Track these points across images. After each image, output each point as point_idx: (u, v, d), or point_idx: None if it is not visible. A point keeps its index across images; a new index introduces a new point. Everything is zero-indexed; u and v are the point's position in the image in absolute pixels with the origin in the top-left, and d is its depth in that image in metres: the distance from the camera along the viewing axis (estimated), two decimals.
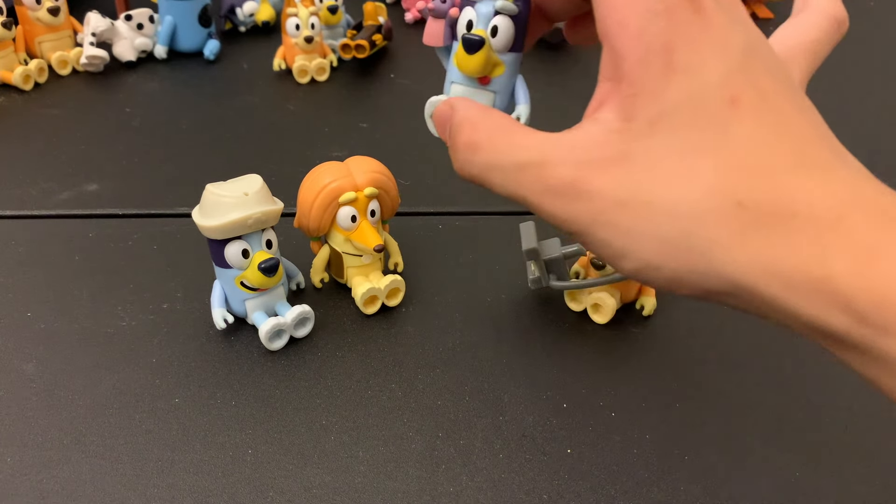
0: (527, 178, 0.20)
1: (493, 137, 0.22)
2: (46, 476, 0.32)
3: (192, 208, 0.37)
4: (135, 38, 0.69)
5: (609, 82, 0.20)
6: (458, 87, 0.27)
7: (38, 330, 0.40)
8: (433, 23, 0.28)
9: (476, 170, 0.22)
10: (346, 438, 0.34)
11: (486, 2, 0.26)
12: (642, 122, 0.19)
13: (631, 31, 0.19)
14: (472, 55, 0.25)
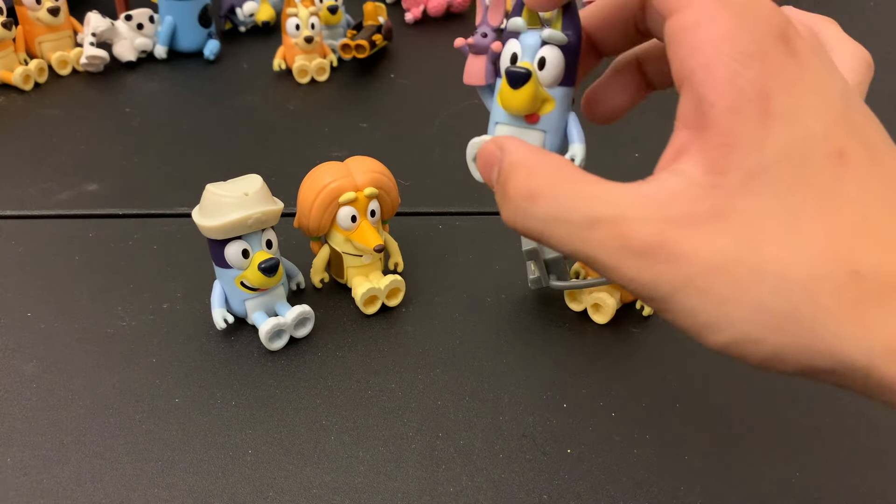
0: (600, 235, 0.18)
1: (556, 185, 0.19)
2: (46, 476, 0.32)
3: (192, 208, 0.37)
4: (135, 39, 0.69)
5: (690, 130, 0.18)
6: (504, 127, 0.25)
7: (38, 330, 0.40)
8: (473, 60, 0.26)
9: (534, 223, 0.19)
10: (346, 438, 0.34)
11: (532, 32, 0.24)
12: (737, 177, 0.17)
13: (720, 74, 0.17)
14: (518, 90, 0.23)
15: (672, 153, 0.18)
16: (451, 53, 0.74)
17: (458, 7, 0.81)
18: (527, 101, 0.23)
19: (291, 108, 0.64)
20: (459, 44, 0.26)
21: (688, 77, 0.18)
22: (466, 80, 0.26)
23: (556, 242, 0.19)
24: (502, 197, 0.20)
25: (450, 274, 0.44)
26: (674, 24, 0.18)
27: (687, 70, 0.18)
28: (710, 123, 0.17)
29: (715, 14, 0.18)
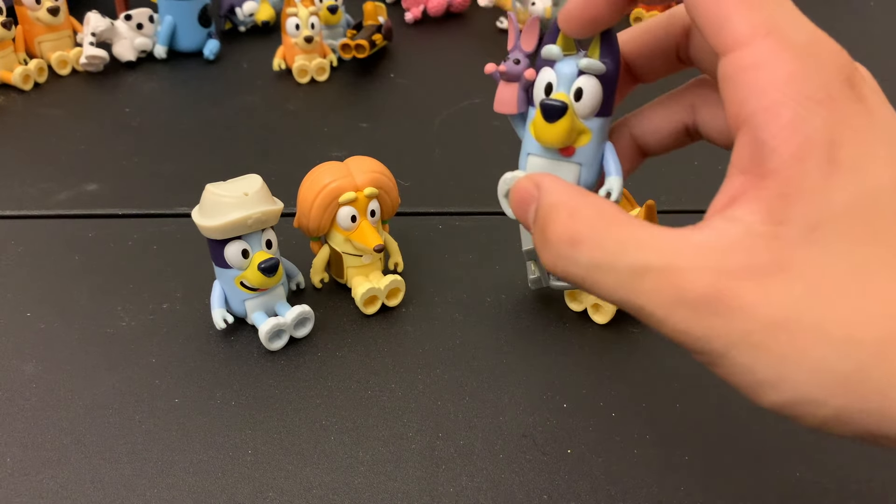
0: (649, 284, 0.17)
1: (599, 230, 0.18)
2: (46, 476, 0.32)
3: (191, 208, 0.37)
4: (134, 38, 0.69)
5: (746, 176, 0.17)
6: (537, 159, 0.24)
7: (37, 330, 0.40)
8: (505, 87, 0.25)
9: (577, 269, 0.18)
10: (345, 438, 0.34)
11: (568, 60, 0.23)
12: (799, 227, 0.16)
13: (784, 119, 0.16)
14: (554, 124, 0.22)
15: (726, 198, 0.17)
16: (451, 53, 0.74)
17: (458, 7, 0.81)
18: (562, 135, 0.22)
19: (291, 107, 0.64)
20: (490, 70, 0.25)
21: (747, 120, 0.17)
22: (497, 108, 0.25)
23: (600, 290, 0.18)
24: (542, 241, 0.19)
25: (450, 274, 0.44)
26: (731, 63, 0.17)
27: (746, 113, 0.17)
28: (772, 171, 0.16)
29: (777, 54, 0.17)
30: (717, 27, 0.18)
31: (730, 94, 0.17)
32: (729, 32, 0.17)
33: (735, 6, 0.17)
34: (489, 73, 0.25)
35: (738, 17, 0.17)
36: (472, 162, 0.56)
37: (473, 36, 0.77)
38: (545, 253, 0.19)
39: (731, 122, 0.18)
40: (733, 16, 0.17)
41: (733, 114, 0.17)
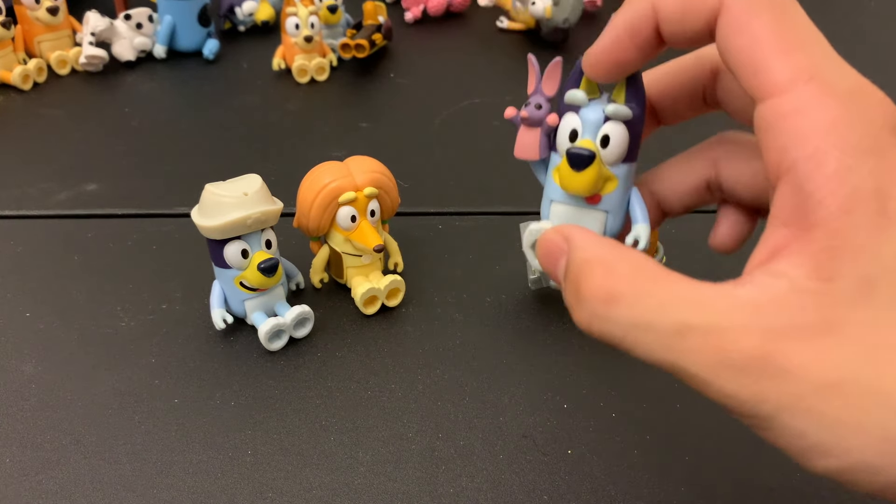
0: (692, 344, 0.16)
1: (638, 286, 0.17)
2: (45, 477, 0.32)
3: (191, 208, 0.37)
4: (134, 38, 0.69)
5: (789, 228, 0.16)
6: (561, 206, 0.23)
7: (36, 330, 0.40)
8: (526, 132, 0.24)
9: (614, 328, 0.17)
10: (345, 439, 0.34)
11: (594, 106, 0.22)
12: (850, 283, 0.15)
13: (830, 169, 0.15)
14: (581, 172, 0.21)
15: (767, 252, 0.17)
16: (451, 53, 0.74)
17: (458, 6, 0.80)
18: (590, 184, 0.22)
19: (291, 107, 0.64)
20: (511, 115, 0.24)
21: (789, 170, 0.16)
22: (519, 153, 0.24)
23: (640, 351, 0.17)
24: (574, 298, 0.18)
25: (450, 274, 0.44)
26: (771, 110, 0.17)
27: (788, 162, 0.16)
28: (818, 223, 0.15)
29: (820, 100, 0.16)
30: (754, 72, 0.17)
31: (769, 141, 0.17)
32: (768, 77, 0.17)
33: (774, 50, 0.17)
34: (509, 117, 0.24)
35: (777, 61, 0.17)
36: (472, 162, 0.56)
37: (473, 36, 0.77)
38: (579, 311, 0.18)
39: (771, 171, 0.17)
40: (772, 60, 0.17)
41: (773, 162, 0.17)
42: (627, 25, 0.20)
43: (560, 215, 0.23)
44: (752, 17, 0.17)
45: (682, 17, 0.19)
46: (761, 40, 0.17)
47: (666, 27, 0.20)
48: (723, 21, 0.18)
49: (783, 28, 0.17)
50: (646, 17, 0.20)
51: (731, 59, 0.18)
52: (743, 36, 0.17)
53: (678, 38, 0.20)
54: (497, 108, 0.63)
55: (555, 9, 0.69)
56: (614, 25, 0.21)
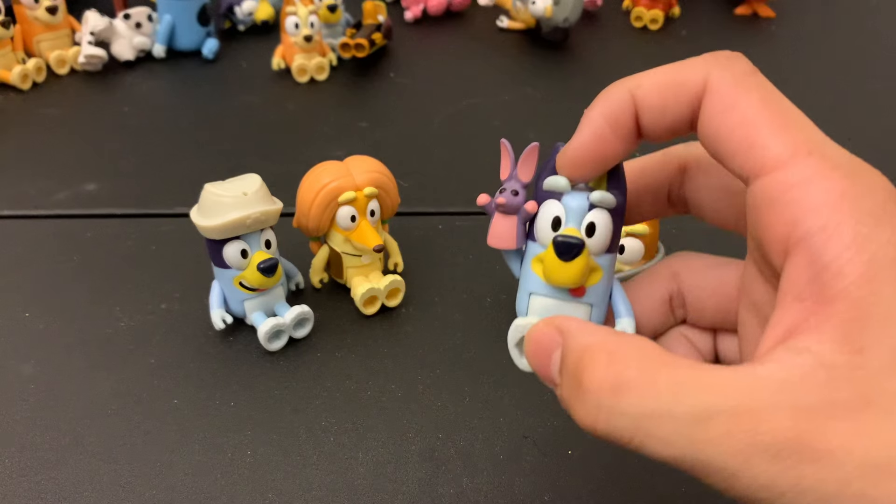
0: (717, 431, 0.14)
1: (648, 372, 0.15)
2: (44, 477, 0.32)
3: (190, 208, 0.37)
4: (133, 37, 0.69)
5: (804, 303, 0.15)
6: (542, 300, 0.21)
7: (35, 330, 0.40)
8: (502, 220, 0.22)
9: (624, 421, 0.15)
10: (345, 439, 0.34)
11: (576, 194, 0.21)
12: (883, 353, 0.14)
13: (847, 238, 0.15)
14: (570, 262, 0.20)
15: (783, 330, 0.15)
16: (451, 53, 0.74)
17: (458, 6, 0.80)
18: (578, 275, 0.20)
19: (291, 107, 0.63)
20: (484, 202, 0.22)
21: (800, 242, 0.15)
22: (493, 242, 0.22)
23: (655, 444, 0.15)
24: (575, 391, 0.16)
25: (450, 274, 0.44)
26: (773, 183, 0.16)
27: (799, 234, 0.15)
28: (838, 294, 0.15)
29: (825, 172, 0.16)
30: (748, 148, 0.17)
31: (773, 216, 0.16)
32: (765, 153, 0.16)
33: (769, 126, 0.17)
34: (482, 205, 0.22)
35: (773, 137, 0.16)
36: (473, 162, 0.55)
37: (474, 35, 0.77)
38: (581, 405, 0.16)
39: (776, 247, 0.16)
40: (768, 137, 0.16)
41: (780, 237, 0.16)
42: (607, 116, 0.19)
43: (541, 309, 0.21)
44: (741, 96, 0.17)
45: (663, 102, 0.18)
46: (754, 117, 0.17)
47: (646, 115, 0.19)
48: (709, 102, 0.18)
49: (773, 107, 0.17)
50: (625, 106, 0.19)
51: (720, 138, 0.17)
52: (733, 114, 0.17)
53: (658, 127, 0.19)
54: (497, 108, 0.62)
55: (555, 8, 0.69)
56: (592, 119, 0.19)
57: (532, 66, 0.71)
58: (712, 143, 0.18)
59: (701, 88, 0.18)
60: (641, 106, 0.19)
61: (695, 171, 0.21)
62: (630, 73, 0.20)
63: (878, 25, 0.81)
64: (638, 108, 0.19)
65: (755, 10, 0.80)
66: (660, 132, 0.19)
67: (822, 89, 0.67)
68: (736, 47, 0.19)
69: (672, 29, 0.77)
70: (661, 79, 0.19)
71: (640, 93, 0.19)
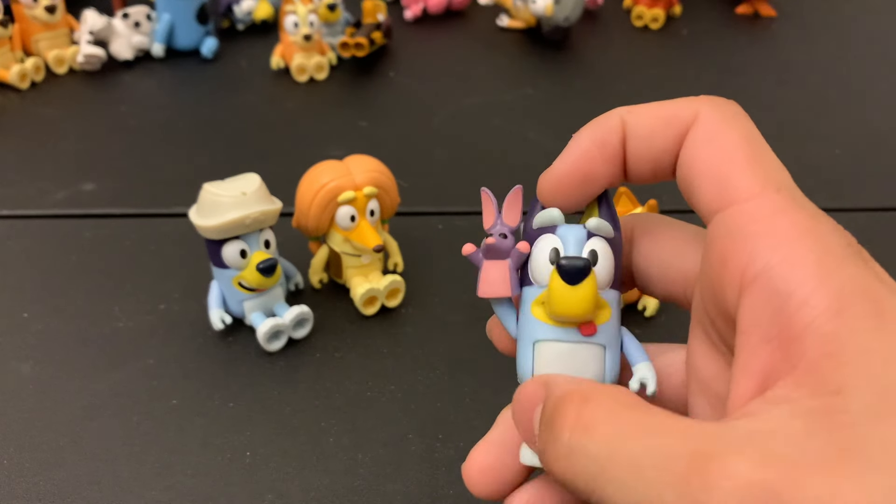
0: (673, 476, 0.13)
1: (617, 413, 0.15)
2: (43, 478, 0.32)
3: (189, 208, 0.37)
4: (132, 37, 0.68)
5: (771, 344, 0.14)
6: (550, 346, 0.19)
7: (34, 331, 0.40)
8: (492, 267, 0.20)
9: (587, 461, 0.14)
10: (344, 440, 0.34)
11: (571, 225, 0.19)
12: (863, 394, 0.13)
13: (810, 268, 0.14)
14: (577, 286, 0.18)
15: (756, 381, 0.14)
16: (451, 52, 0.74)
17: (459, 5, 0.80)
18: (588, 301, 0.18)
19: (290, 106, 0.63)
20: (470, 251, 0.20)
21: (759, 275, 0.15)
22: (485, 292, 0.20)
23: (615, 490, 0.14)
24: (547, 439, 0.16)
25: (450, 274, 0.44)
26: (737, 214, 0.16)
27: (759, 266, 0.15)
28: (806, 328, 0.14)
29: (791, 208, 0.15)
30: (719, 182, 0.16)
31: (732, 248, 0.15)
32: (735, 185, 0.16)
33: (744, 162, 0.16)
34: (468, 254, 0.20)
35: (746, 172, 0.16)
36: (473, 161, 0.55)
37: (474, 34, 0.77)
38: (550, 451, 0.15)
39: (732, 282, 0.15)
40: (741, 170, 0.16)
41: (737, 271, 0.15)
42: (596, 139, 0.19)
43: (550, 357, 0.19)
44: (724, 131, 0.17)
45: (651, 130, 0.18)
46: (732, 152, 0.17)
47: (634, 142, 0.18)
48: (694, 133, 0.18)
49: (752, 145, 0.17)
50: (615, 129, 0.19)
51: (696, 169, 0.17)
52: (713, 146, 0.17)
53: (643, 157, 0.18)
54: (497, 108, 0.62)
55: (556, 7, 0.68)
56: (579, 140, 0.19)
57: (532, 65, 0.70)
58: (687, 176, 0.18)
59: (690, 122, 0.18)
60: (630, 132, 0.19)
61: (641, 240, 0.20)
62: (631, 72, 0.20)
63: (879, 25, 0.81)
64: (627, 134, 0.19)
65: (756, 9, 0.80)
66: (644, 164, 0.19)
67: (823, 89, 0.67)
68: (737, 46, 0.19)
69: (673, 28, 0.77)
70: (652, 110, 0.19)
71: (631, 118, 0.19)
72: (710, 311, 0.17)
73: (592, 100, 0.63)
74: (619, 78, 0.68)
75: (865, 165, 0.55)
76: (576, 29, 0.73)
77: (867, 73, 0.70)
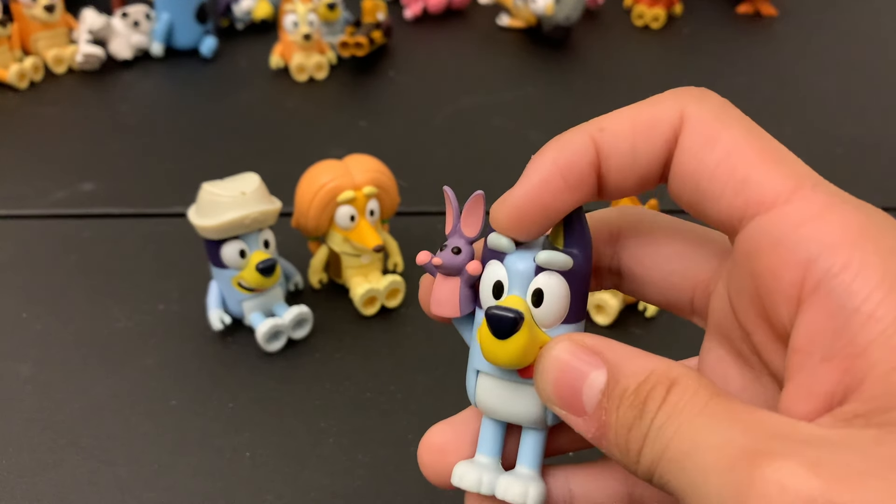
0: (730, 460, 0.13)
1: (699, 396, 0.14)
2: (42, 479, 0.32)
3: (188, 208, 0.37)
4: (131, 36, 0.68)
5: (833, 362, 0.13)
6: (488, 379, 0.18)
7: (33, 331, 0.39)
8: (444, 283, 0.19)
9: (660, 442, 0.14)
10: (344, 441, 0.34)
11: (523, 253, 0.18)
12: None
13: (875, 277, 0.13)
14: (506, 340, 0.16)
15: (819, 401, 0.14)
16: (451, 51, 0.74)
17: (459, 4, 0.80)
18: (517, 354, 0.17)
19: (289, 106, 0.63)
20: (423, 261, 0.19)
21: (818, 286, 0.13)
22: (435, 310, 0.19)
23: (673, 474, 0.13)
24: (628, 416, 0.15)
25: None
26: (778, 220, 0.14)
27: (817, 276, 0.13)
28: (873, 342, 0.13)
29: (836, 206, 0.14)
30: (737, 186, 0.15)
31: (781, 258, 0.14)
32: (762, 189, 0.15)
33: (761, 161, 0.15)
34: (422, 263, 0.19)
35: (769, 171, 0.15)
36: (473, 161, 0.55)
37: (474, 34, 0.77)
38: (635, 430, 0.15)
39: (784, 293, 0.14)
40: (762, 171, 0.15)
41: (792, 282, 0.14)
42: (560, 163, 0.16)
43: (491, 389, 0.18)
44: (723, 129, 0.15)
45: (632, 146, 0.16)
46: (742, 151, 0.15)
47: (613, 163, 0.16)
48: (687, 137, 0.16)
49: (760, 141, 0.15)
50: (583, 152, 0.16)
51: (702, 176, 0.16)
52: (717, 148, 0.15)
53: (627, 177, 0.17)
54: (497, 108, 0.62)
55: (556, 6, 0.68)
56: (539, 165, 0.17)
57: (533, 64, 0.70)
58: (692, 184, 0.16)
59: (676, 125, 0.16)
60: (607, 151, 0.16)
61: (632, 240, 0.19)
62: (631, 71, 0.19)
63: (880, 24, 0.81)
64: (602, 156, 0.16)
65: (757, 8, 0.80)
66: (629, 183, 0.17)
67: (824, 88, 0.67)
68: (738, 45, 0.19)
69: (674, 27, 0.77)
70: (627, 120, 0.16)
71: (604, 137, 0.16)
72: (748, 324, 0.16)
73: (592, 99, 0.63)
74: (619, 77, 0.67)
75: (866, 165, 0.55)
76: (576, 28, 0.73)
77: (868, 72, 0.70)
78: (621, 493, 0.19)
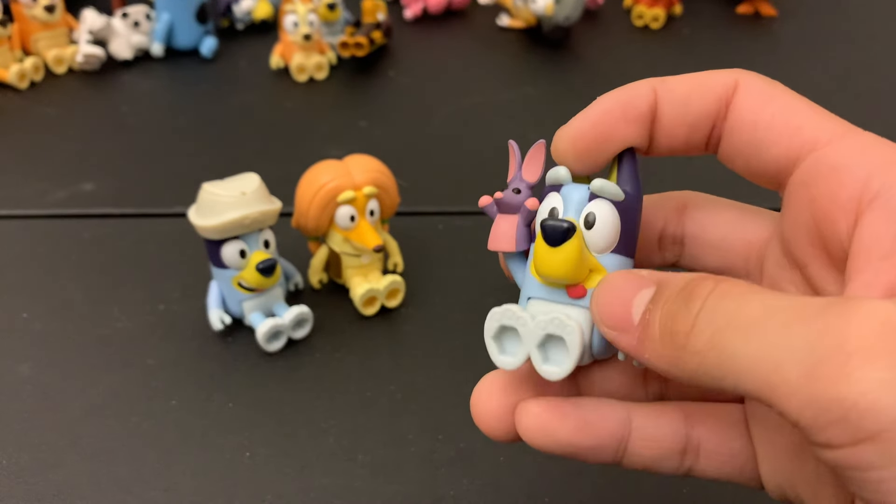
0: (814, 309, 0.13)
1: (749, 287, 0.15)
2: (41, 479, 0.32)
3: (188, 208, 0.37)
4: (131, 36, 0.68)
5: (889, 261, 0.15)
6: (538, 303, 0.19)
7: (33, 331, 0.39)
8: (503, 220, 0.20)
9: (717, 319, 0.14)
10: (344, 441, 0.34)
11: (579, 185, 0.19)
12: None
13: None
14: (558, 249, 0.17)
15: (881, 293, 0.15)
16: (451, 51, 0.74)
17: (459, 4, 0.80)
18: (569, 264, 0.17)
19: (289, 106, 0.63)
20: (485, 203, 0.21)
21: (875, 198, 0.15)
22: (493, 245, 0.20)
23: (737, 344, 0.14)
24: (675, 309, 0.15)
25: (450, 274, 0.44)
26: (833, 153, 0.17)
27: (874, 190, 0.15)
28: None
29: (878, 141, 0.17)
30: (793, 132, 0.17)
31: (840, 180, 0.16)
32: (816, 132, 0.17)
33: (813, 113, 0.18)
34: (483, 206, 0.21)
35: (822, 120, 0.17)
36: (473, 161, 0.55)
37: (474, 34, 0.77)
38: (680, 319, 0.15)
39: (847, 208, 0.16)
40: (816, 120, 0.17)
41: (853, 196, 0.16)
42: (620, 99, 0.19)
43: (538, 315, 0.19)
44: (776, 92, 0.18)
45: (687, 96, 0.18)
46: (796, 106, 0.18)
47: (667, 108, 0.18)
48: (744, 95, 0.18)
49: (808, 103, 0.18)
50: (644, 94, 0.18)
51: (760, 126, 0.18)
52: (772, 104, 0.18)
53: (676, 123, 0.18)
54: (497, 108, 0.62)
55: (556, 6, 0.68)
56: (602, 100, 0.19)
57: (532, 65, 0.70)
58: (748, 133, 0.18)
59: (730, 87, 0.18)
60: (664, 97, 0.18)
61: (696, 212, 0.21)
62: (631, 71, 0.20)
63: (881, 24, 0.81)
64: (659, 100, 0.18)
65: (757, 8, 0.80)
66: (678, 133, 0.19)
67: (825, 88, 0.67)
68: (738, 46, 0.20)
69: (674, 28, 0.77)
70: (688, 78, 0.19)
71: (664, 86, 0.19)
72: (805, 257, 0.17)
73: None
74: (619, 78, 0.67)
75: None
76: (576, 28, 0.73)
77: (868, 72, 0.70)
78: (681, 433, 0.20)
